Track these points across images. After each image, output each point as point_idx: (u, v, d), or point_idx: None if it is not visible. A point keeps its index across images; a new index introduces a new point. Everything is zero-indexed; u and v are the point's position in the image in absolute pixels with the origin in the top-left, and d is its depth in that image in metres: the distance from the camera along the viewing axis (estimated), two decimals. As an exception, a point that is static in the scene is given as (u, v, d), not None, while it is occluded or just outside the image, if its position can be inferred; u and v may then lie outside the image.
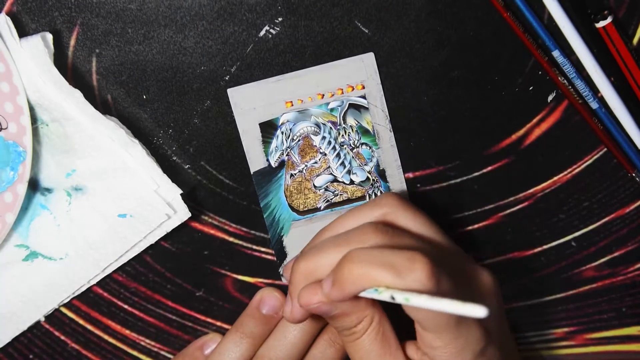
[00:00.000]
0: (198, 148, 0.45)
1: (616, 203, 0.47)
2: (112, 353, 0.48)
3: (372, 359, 0.37)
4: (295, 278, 0.38)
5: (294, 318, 0.39)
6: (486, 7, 0.43)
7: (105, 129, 0.42)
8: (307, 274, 0.37)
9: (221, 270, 0.47)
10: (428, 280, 0.33)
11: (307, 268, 0.37)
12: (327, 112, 0.45)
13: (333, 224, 0.40)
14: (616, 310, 0.50)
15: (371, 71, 0.44)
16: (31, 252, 0.44)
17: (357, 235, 0.37)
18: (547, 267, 0.49)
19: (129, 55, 0.43)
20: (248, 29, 0.43)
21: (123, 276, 0.47)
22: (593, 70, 0.43)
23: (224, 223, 0.47)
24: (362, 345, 0.38)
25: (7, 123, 0.41)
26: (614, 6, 0.43)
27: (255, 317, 0.46)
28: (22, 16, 0.42)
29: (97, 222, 0.44)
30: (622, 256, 0.48)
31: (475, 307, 0.29)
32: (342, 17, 0.43)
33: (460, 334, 0.35)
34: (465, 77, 0.44)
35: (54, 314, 0.47)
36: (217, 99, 0.44)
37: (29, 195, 0.43)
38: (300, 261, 0.38)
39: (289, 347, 0.45)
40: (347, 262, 0.34)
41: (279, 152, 0.45)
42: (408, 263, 0.33)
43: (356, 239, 0.36)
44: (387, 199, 0.39)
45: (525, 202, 0.47)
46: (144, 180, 0.43)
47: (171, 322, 0.48)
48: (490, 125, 0.46)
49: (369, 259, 0.34)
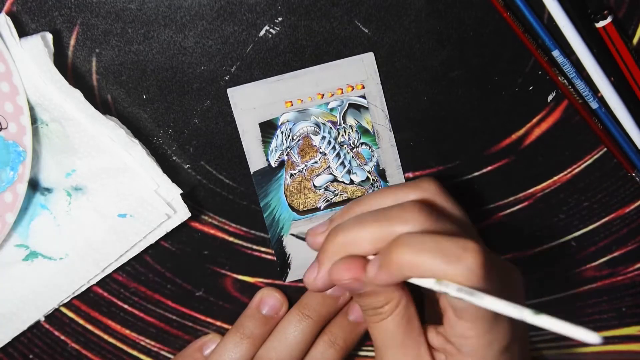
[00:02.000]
0: (198, 148, 0.45)
1: (616, 203, 0.47)
2: (112, 353, 0.48)
3: (394, 343, 0.37)
4: (329, 247, 0.36)
5: (316, 286, 0.37)
6: (486, 7, 0.43)
7: (105, 129, 0.42)
8: (343, 245, 0.36)
9: (221, 270, 0.47)
10: (480, 269, 0.32)
11: (344, 240, 0.36)
12: (327, 111, 0.45)
13: (366, 199, 0.38)
14: (616, 310, 0.50)
15: (371, 71, 0.44)
16: (31, 252, 0.44)
17: (400, 212, 0.35)
18: (547, 267, 0.49)
19: (129, 55, 0.43)
20: (248, 28, 0.43)
21: (123, 276, 0.47)
22: (593, 70, 0.43)
23: (224, 223, 0.47)
24: (386, 327, 0.37)
25: (7, 123, 0.41)
26: (614, 6, 0.43)
27: (255, 317, 0.46)
28: (22, 16, 0.42)
29: (97, 222, 0.44)
30: (622, 256, 0.48)
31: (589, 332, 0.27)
32: (342, 17, 0.43)
33: (493, 327, 0.34)
34: (465, 77, 0.44)
35: (54, 314, 0.47)
36: (217, 99, 0.44)
37: (29, 195, 0.43)
38: (338, 231, 0.36)
39: (290, 348, 0.45)
40: (398, 246, 0.33)
41: (279, 152, 0.45)
42: (460, 251, 0.32)
43: (399, 216, 0.35)
44: (429, 183, 0.38)
45: (525, 202, 0.47)
46: (144, 180, 0.43)
47: (171, 322, 0.48)
48: (490, 125, 0.46)
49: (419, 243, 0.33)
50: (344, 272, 0.35)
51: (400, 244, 0.33)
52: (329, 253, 0.36)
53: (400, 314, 0.36)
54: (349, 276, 0.35)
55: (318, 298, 0.46)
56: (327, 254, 0.36)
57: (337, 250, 0.36)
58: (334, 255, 0.36)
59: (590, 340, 0.27)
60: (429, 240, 0.33)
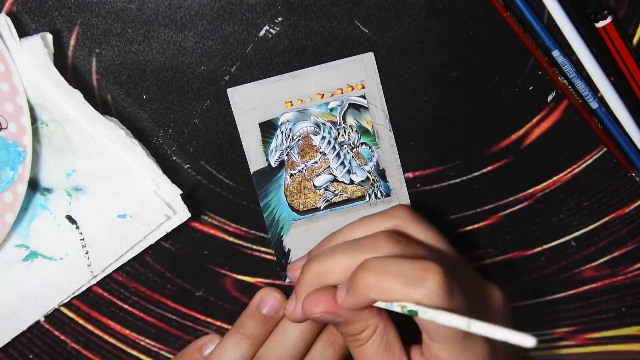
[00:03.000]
0: (198, 148, 0.45)
1: (616, 203, 0.47)
2: (112, 353, 0.48)
3: None
4: (305, 278, 0.38)
5: (295, 317, 0.39)
6: (486, 7, 0.43)
7: (105, 130, 0.42)
8: (317, 276, 0.37)
9: (221, 270, 0.47)
10: (440, 290, 0.33)
11: (318, 270, 0.37)
12: (326, 111, 0.45)
13: (343, 231, 0.40)
14: (616, 310, 0.50)
15: (371, 71, 0.44)
16: (31, 252, 0.44)
17: (370, 242, 0.37)
18: (547, 267, 0.49)
19: (129, 55, 0.43)
20: (248, 28, 0.43)
21: (123, 276, 0.47)
22: (593, 70, 0.43)
23: (224, 223, 0.47)
24: (366, 352, 0.38)
25: (7, 123, 0.41)
26: (614, 6, 0.43)
27: (255, 317, 0.46)
28: (22, 16, 0.42)
29: (97, 223, 0.44)
30: (622, 256, 0.48)
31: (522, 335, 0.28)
32: (342, 17, 0.43)
33: (467, 348, 0.35)
34: (465, 77, 0.44)
35: (54, 314, 0.47)
36: (217, 99, 0.44)
37: (29, 195, 0.43)
38: (312, 263, 0.38)
39: (290, 348, 0.45)
40: (362, 270, 0.35)
41: (279, 152, 0.45)
42: (421, 272, 0.33)
43: (369, 246, 0.37)
44: (400, 211, 0.39)
45: (525, 202, 0.47)
46: (143, 181, 0.43)
47: (171, 322, 0.48)
48: (490, 125, 0.46)
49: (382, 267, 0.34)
50: (313, 307, 0.37)
51: (364, 268, 0.35)
52: (303, 285, 0.38)
53: (377, 340, 0.37)
54: (319, 310, 0.37)
55: None
56: (302, 285, 0.38)
57: (312, 281, 0.38)
58: (309, 286, 0.38)
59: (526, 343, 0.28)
60: (391, 263, 0.34)
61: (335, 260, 0.37)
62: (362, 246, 0.37)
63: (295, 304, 0.39)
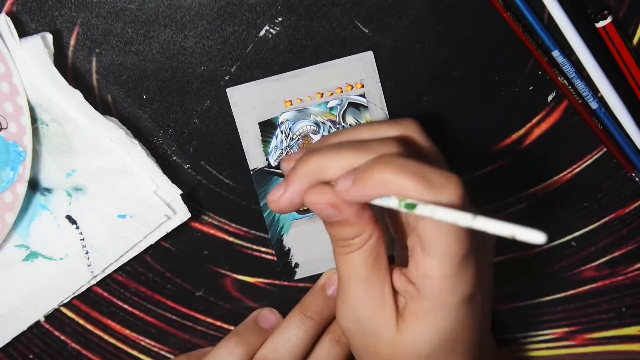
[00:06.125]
0: (198, 148, 0.45)
1: (616, 203, 0.47)
2: (112, 353, 0.48)
3: (359, 278, 0.35)
4: (301, 168, 0.34)
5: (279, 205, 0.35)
6: (486, 7, 0.43)
7: (105, 130, 0.42)
8: (315, 168, 0.34)
9: (221, 270, 0.47)
10: (460, 201, 0.31)
11: (317, 162, 0.34)
12: (326, 111, 0.45)
13: (346, 131, 0.36)
14: (616, 310, 0.50)
15: (370, 70, 0.44)
16: (31, 252, 0.44)
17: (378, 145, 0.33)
18: (547, 267, 0.49)
19: (129, 55, 0.43)
20: (248, 29, 0.43)
21: (123, 276, 0.47)
22: (593, 70, 0.43)
23: (224, 223, 0.47)
24: (353, 260, 0.35)
25: (7, 123, 0.41)
26: (614, 6, 0.43)
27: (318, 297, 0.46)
28: (22, 16, 0.42)
29: (97, 223, 0.44)
30: (622, 256, 0.48)
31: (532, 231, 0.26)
32: (342, 17, 0.43)
33: (459, 271, 0.33)
34: (465, 77, 0.44)
35: (54, 314, 0.47)
36: (217, 99, 0.44)
37: (29, 195, 0.43)
38: (312, 154, 0.34)
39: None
40: (380, 163, 0.32)
41: (279, 151, 0.45)
42: (443, 179, 0.31)
43: (378, 147, 0.33)
44: (410, 122, 0.36)
45: (525, 202, 0.47)
46: (143, 181, 0.43)
47: (171, 322, 0.48)
48: (490, 125, 0.46)
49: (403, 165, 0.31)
50: (320, 196, 0.34)
51: (382, 162, 0.32)
52: (299, 174, 0.34)
53: (369, 249, 0.35)
54: (325, 200, 0.33)
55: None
56: (297, 175, 0.34)
57: (308, 173, 0.34)
58: (304, 177, 0.34)
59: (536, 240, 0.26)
60: (413, 164, 0.32)
61: (339, 156, 0.33)
62: (370, 146, 0.33)
63: (284, 191, 0.35)
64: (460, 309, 0.34)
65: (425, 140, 0.36)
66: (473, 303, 0.35)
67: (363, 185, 0.32)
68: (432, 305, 0.34)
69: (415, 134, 0.36)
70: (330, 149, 0.34)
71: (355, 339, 0.37)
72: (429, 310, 0.34)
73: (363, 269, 0.35)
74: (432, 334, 0.34)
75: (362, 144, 0.34)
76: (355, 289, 0.36)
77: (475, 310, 0.35)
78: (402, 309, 0.35)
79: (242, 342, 0.45)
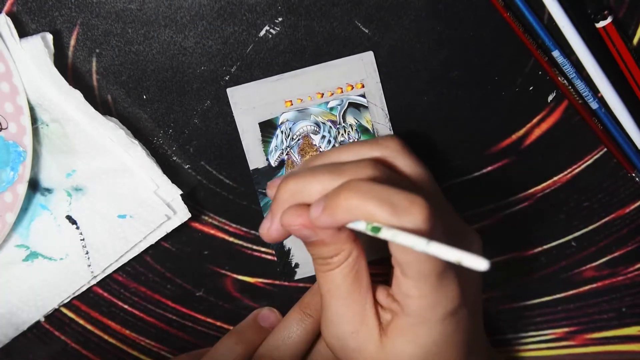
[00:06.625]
0: (198, 148, 0.45)
1: (616, 203, 0.47)
2: (112, 353, 0.48)
3: (339, 294, 0.36)
4: (281, 196, 0.35)
5: (271, 236, 0.37)
6: (486, 7, 0.43)
7: (105, 130, 0.42)
8: (293, 194, 0.35)
9: (221, 270, 0.47)
10: (424, 224, 0.31)
11: (295, 188, 0.35)
12: (326, 111, 0.45)
13: (326, 153, 0.37)
14: (616, 310, 0.50)
15: (370, 70, 0.44)
16: (31, 252, 0.44)
17: (354, 167, 0.34)
18: (547, 267, 0.49)
19: (129, 55, 0.43)
20: (248, 29, 0.43)
21: (123, 276, 0.47)
22: (593, 70, 0.43)
23: (224, 223, 0.47)
24: (333, 278, 0.36)
25: (7, 123, 0.41)
26: (614, 6, 0.43)
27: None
28: (22, 16, 0.42)
29: (97, 223, 0.44)
30: (622, 256, 0.48)
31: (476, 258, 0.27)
32: (342, 17, 0.43)
33: (438, 288, 0.33)
34: (465, 77, 0.44)
35: (54, 314, 0.47)
36: (217, 99, 0.44)
37: (29, 195, 0.43)
38: (289, 180, 0.35)
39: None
40: (345, 189, 0.32)
41: (279, 152, 0.45)
42: (407, 203, 0.31)
43: (353, 170, 0.34)
44: (390, 141, 0.37)
45: (525, 202, 0.47)
46: (143, 181, 0.43)
47: (171, 322, 0.48)
48: (490, 125, 0.46)
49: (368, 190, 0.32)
50: (293, 218, 0.34)
51: (348, 188, 0.32)
52: (280, 201, 0.35)
53: (348, 267, 0.36)
54: (299, 222, 0.34)
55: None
56: (277, 202, 0.36)
57: (288, 198, 0.35)
58: (285, 203, 0.35)
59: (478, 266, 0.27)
60: (378, 188, 0.32)
61: (315, 180, 0.34)
62: (345, 169, 0.34)
63: (271, 222, 0.36)
64: (443, 325, 0.34)
65: (405, 159, 0.37)
66: (458, 316, 0.35)
67: (332, 212, 0.33)
68: (414, 322, 0.34)
69: (395, 153, 0.36)
70: (307, 174, 0.35)
71: (340, 355, 0.37)
72: (411, 326, 0.35)
73: (343, 286, 0.36)
74: (415, 349, 0.35)
75: (337, 168, 0.35)
76: (336, 306, 0.36)
77: (460, 323, 0.35)
78: (385, 325, 0.36)
79: (242, 340, 0.45)
